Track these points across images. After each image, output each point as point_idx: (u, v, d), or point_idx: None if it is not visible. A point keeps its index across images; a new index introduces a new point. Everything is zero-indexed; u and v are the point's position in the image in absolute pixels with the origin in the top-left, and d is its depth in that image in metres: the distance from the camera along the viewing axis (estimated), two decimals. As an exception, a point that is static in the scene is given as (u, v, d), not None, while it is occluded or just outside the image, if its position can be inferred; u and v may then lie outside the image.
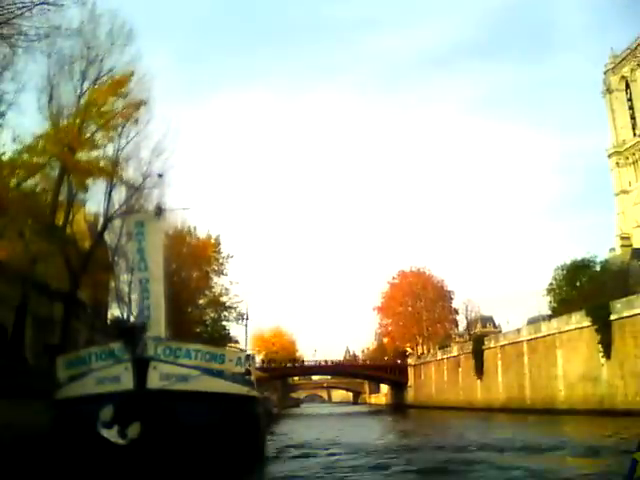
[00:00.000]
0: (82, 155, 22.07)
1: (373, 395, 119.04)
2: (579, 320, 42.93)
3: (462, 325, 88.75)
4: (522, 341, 51.63)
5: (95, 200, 25.34)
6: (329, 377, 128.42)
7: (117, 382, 12.01)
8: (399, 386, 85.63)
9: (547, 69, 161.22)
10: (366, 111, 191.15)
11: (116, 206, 23.98)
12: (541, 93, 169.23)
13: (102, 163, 22.54)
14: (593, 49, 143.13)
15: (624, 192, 75.07)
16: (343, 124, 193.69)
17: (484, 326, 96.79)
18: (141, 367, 11.91)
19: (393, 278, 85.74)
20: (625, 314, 38.04)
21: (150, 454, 11.01)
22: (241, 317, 46.62)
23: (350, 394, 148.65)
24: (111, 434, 11.26)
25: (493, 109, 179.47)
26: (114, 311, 33.11)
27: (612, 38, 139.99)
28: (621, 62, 76.46)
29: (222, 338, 48.53)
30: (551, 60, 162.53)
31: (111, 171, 22.59)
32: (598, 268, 52.43)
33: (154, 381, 11.98)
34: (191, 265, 43.41)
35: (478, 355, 59.81)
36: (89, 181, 23.14)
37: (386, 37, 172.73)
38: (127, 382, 11.86)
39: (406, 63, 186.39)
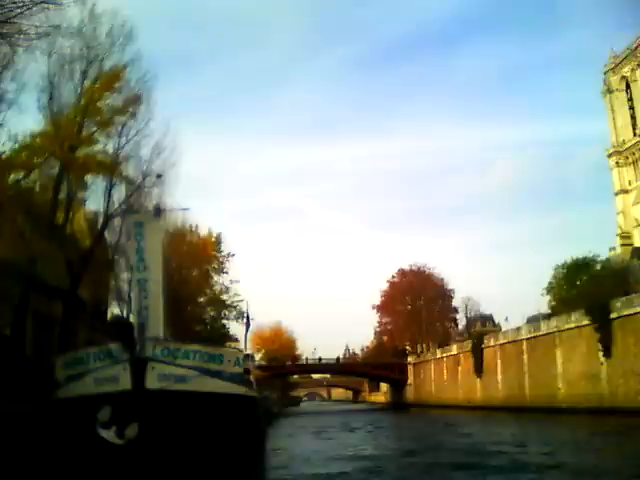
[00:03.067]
0: (81, 152, 22.05)
1: (373, 394, 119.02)
2: (579, 319, 43.00)
3: (462, 324, 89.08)
4: (522, 340, 51.70)
5: (95, 198, 25.35)
6: (329, 376, 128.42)
7: (115, 382, 12.01)
8: (399, 385, 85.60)
9: (548, 51, 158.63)
10: (365, 99, 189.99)
11: (116, 204, 24.00)
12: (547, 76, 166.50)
13: (101, 159, 22.52)
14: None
15: (624, 191, 75.10)
16: (344, 111, 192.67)
17: (484, 325, 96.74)
18: (139, 368, 11.91)
19: (393, 277, 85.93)
20: (625, 313, 38.14)
21: (148, 455, 11.03)
22: (241, 316, 46.51)
23: (350, 392, 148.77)
24: (109, 434, 11.28)
25: (493, 95, 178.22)
26: (114, 309, 33.15)
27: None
28: (621, 62, 76.39)
29: (222, 336, 48.50)
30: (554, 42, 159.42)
31: (110, 167, 22.56)
32: (599, 267, 52.44)
33: (152, 382, 11.97)
34: (191, 263, 43.39)
35: (478, 353, 59.85)
36: (89, 178, 23.17)
37: (378, 10, 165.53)
38: (125, 382, 11.86)
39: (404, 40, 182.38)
